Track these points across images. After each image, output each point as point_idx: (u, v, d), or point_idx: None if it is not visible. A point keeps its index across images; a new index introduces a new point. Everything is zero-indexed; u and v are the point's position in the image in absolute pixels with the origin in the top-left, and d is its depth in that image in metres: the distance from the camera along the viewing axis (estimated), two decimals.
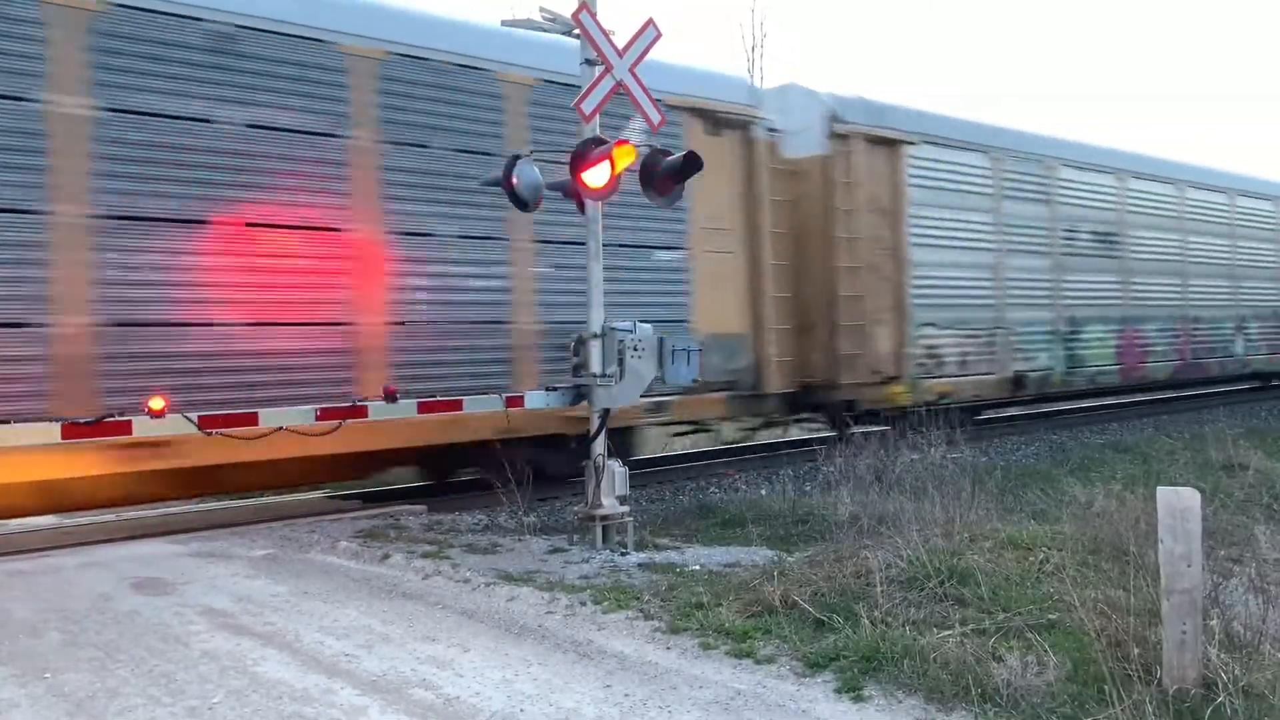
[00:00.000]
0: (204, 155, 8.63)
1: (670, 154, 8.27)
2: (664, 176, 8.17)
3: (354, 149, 9.46)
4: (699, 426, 13.28)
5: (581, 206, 8.25)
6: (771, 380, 12.41)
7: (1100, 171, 17.46)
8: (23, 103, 7.92)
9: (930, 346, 14.13)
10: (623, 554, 7.57)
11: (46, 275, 7.91)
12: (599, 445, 8.06)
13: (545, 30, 9.43)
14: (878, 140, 13.67)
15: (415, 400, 8.74)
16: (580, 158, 7.77)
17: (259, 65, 8.95)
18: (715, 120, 11.96)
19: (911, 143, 14.03)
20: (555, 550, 7.71)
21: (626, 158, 7.74)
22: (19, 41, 7.90)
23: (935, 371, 14.16)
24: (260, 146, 8.92)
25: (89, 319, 8.11)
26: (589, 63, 8.09)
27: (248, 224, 8.83)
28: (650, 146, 8.34)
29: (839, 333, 13.21)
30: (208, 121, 8.67)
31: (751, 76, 26.59)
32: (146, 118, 8.40)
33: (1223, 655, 4.20)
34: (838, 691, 4.53)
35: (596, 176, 7.76)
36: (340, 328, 9.28)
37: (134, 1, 8.32)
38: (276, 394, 8.71)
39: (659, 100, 8.50)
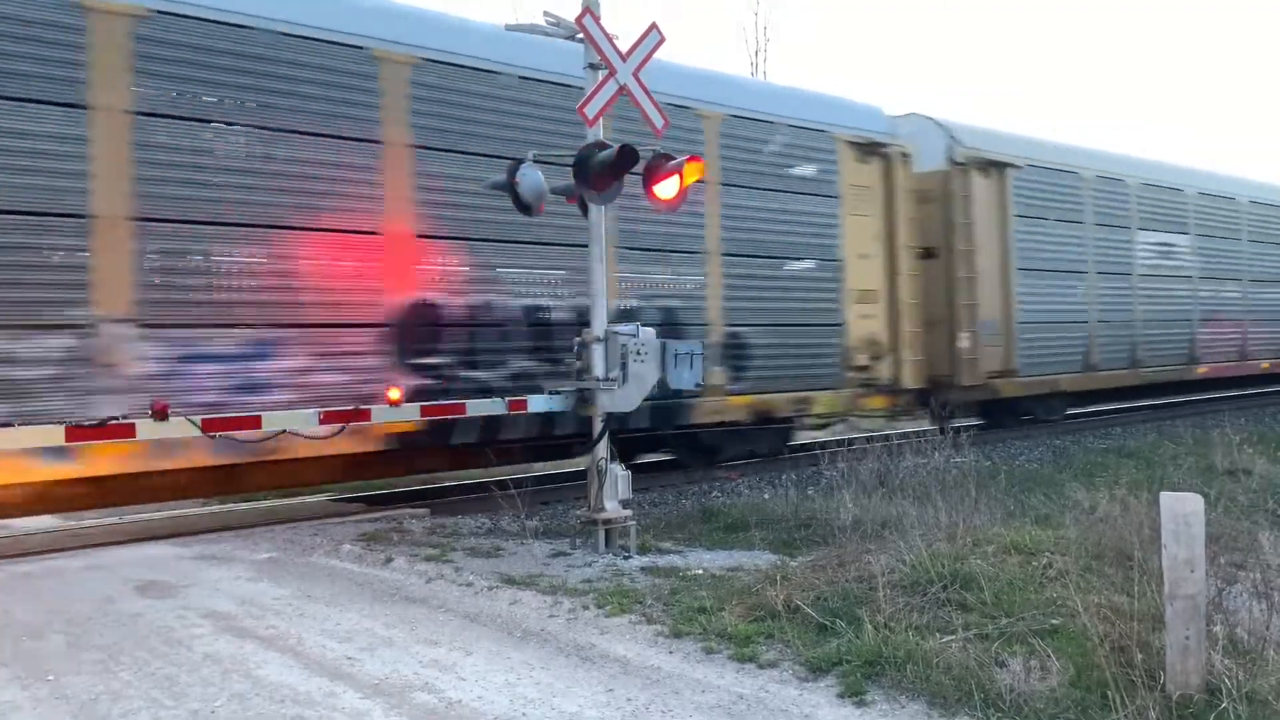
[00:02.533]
0: None
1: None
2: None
3: None
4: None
5: (585, 210, 8.26)
6: None
7: None
8: None
9: None
10: (625, 558, 7.58)
11: None
12: (601, 449, 8.05)
13: (549, 34, 9.39)
14: None
15: (418, 404, 8.77)
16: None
17: None
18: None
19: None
20: (558, 554, 7.71)
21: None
22: None
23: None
24: None
25: None
26: (593, 67, 8.10)
27: None
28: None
29: None
30: None
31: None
32: None
33: (1226, 661, 4.20)
34: (840, 696, 4.54)
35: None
36: None
37: None
38: None
39: None
